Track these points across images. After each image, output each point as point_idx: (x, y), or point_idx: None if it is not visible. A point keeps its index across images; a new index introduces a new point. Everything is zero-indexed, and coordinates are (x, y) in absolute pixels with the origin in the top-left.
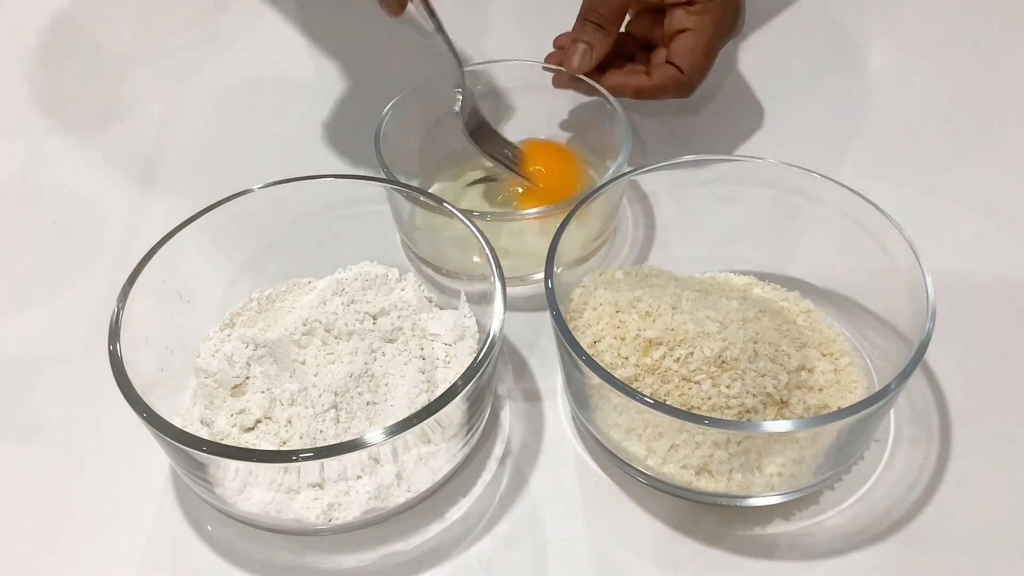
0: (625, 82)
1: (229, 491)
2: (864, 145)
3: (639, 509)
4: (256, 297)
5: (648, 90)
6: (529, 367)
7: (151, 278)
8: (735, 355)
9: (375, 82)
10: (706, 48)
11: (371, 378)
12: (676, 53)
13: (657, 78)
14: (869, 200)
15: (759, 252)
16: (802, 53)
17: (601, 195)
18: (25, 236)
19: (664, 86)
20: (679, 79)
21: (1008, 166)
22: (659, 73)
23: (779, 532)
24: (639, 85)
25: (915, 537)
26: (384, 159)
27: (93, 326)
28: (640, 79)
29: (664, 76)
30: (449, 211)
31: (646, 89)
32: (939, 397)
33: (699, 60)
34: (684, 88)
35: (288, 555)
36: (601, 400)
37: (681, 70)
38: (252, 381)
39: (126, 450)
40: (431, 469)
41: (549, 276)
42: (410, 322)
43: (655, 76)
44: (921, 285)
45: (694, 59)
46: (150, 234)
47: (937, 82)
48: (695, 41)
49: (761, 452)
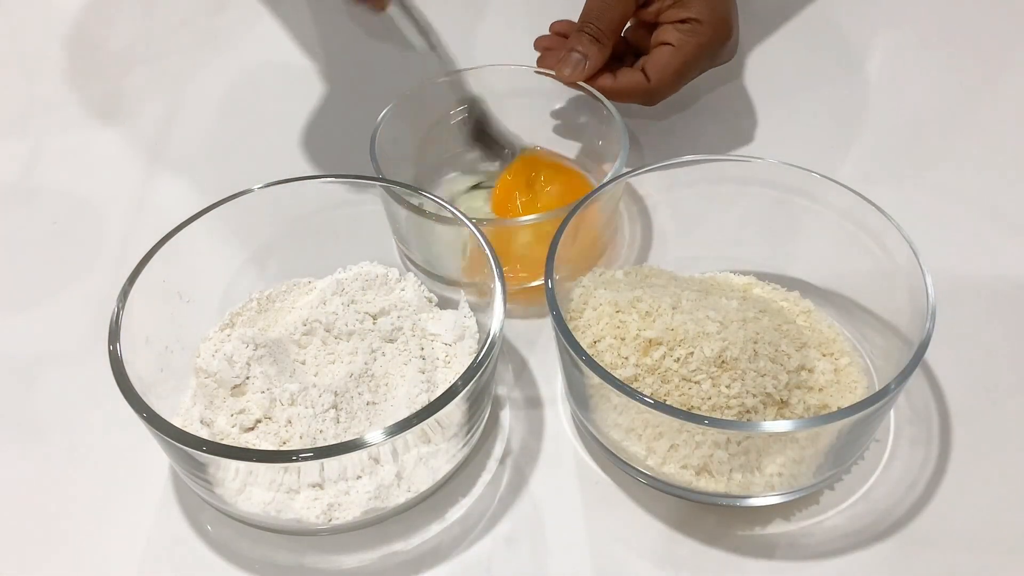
0: (591, 79)
1: (229, 491)
2: (864, 145)
3: (639, 509)
4: (256, 297)
5: (611, 91)
6: (529, 367)
7: (151, 278)
8: (735, 355)
9: (376, 82)
10: (680, 67)
11: (371, 378)
12: (650, 62)
13: (621, 82)
14: (869, 200)
15: (759, 252)
16: (802, 53)
17: (599, 198)
18: (25, 236)
19: (627, 91)
20: (643, 87)
21: (1008, 166)
22: (625, 77)
23: (779, 532)
24: (603, 84)
25: (915, 537)
26: (379, 164)
27: (93, 326)
28: (606, 79)
29: (629, 81)
30: (450, 213)
31: (609, 89)
32: (939, 397)
33: (669, 76)
34: (647, 97)
35: (288, 555)
36: (601, 400)
37: (648, 79)
38: (252, 381)
39: (126, 450)
40: (431, 469)
41: (549, 276)
42: (410, 322)
43: (620, 79)
44: (921, 285)
45: (664, 73)
46: (150, 234)
47: (937, 82)
48: (671, 57)
49: (761, 452)
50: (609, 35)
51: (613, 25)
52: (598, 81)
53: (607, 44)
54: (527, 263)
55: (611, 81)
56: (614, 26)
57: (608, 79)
